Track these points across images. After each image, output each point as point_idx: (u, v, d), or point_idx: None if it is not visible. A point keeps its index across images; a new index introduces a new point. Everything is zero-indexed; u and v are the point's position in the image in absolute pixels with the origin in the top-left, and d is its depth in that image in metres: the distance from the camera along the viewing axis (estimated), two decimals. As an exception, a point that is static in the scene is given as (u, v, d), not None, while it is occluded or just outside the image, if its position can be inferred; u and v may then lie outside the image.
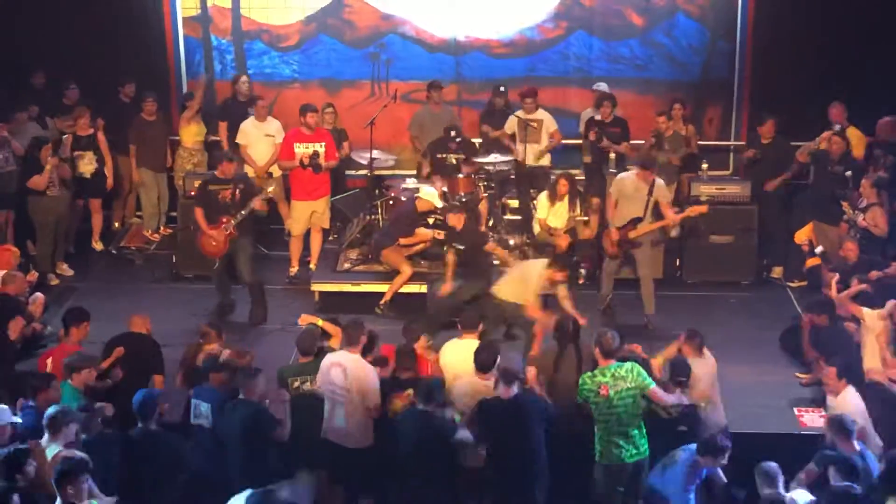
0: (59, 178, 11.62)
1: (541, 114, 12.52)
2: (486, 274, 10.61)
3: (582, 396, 7.94)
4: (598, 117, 12.42)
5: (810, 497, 7.05)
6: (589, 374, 7.95)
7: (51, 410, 7.32)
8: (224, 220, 10.82)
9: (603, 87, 12.95)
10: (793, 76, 12.87)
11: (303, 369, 8.38)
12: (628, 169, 11.36)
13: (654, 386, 7.90)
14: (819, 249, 10.92)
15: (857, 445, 7.47)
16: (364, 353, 8.22)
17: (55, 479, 6.61)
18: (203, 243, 10.96)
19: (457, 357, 8.59)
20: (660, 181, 10.90)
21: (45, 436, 7.22)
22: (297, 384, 8.31)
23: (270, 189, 11.41)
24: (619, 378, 7.86)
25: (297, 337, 8.68)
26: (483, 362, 8.19)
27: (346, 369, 8.03)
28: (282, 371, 8.50)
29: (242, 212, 10.79)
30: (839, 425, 7.54)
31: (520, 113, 12.43)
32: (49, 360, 8.78)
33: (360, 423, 8.05)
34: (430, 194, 11.14)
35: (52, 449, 7.11)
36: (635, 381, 7.84)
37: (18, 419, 7.47)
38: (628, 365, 7.93)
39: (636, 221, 10.75)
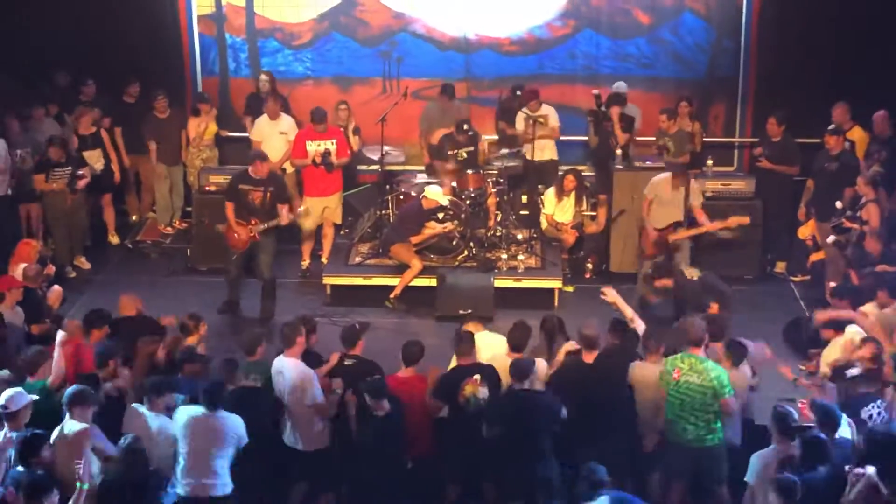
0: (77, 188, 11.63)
1: (545, 109, 12.46)
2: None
3: (663, 377, 7.90)
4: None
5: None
6: (675, 356, 7.92)
7: (71, 389, 7.31)
8: (253, 221, 10.79)
9: (622, 86, 12.85)
10: (797, 74, 12.79)
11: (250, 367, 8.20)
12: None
13: (729, 397, 7.70)
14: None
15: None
16: (348, 348, 8.19)
17: None
18: (227, 235, 10.97)
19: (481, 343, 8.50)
20: (695, 185, 10.86)
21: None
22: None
23: (301, 209, 11.34)
24: (694, 371, 7.77)
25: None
26: (517, 341, 8.20)
27: (283, 374, 7.96)
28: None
29: (270, 222, 10.77)
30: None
31: (526, 110, 12.35)
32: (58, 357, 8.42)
33: (308, 426, 7.94)
34: (435, 192, 11.08)
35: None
36: (707, 383, 7.70)
37: (34, 396, 7.39)
38: (713, 366, 7.81)
39: (677, 225, 10.69)
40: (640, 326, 8.63)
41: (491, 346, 8.47)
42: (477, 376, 7.87)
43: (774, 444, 7.27)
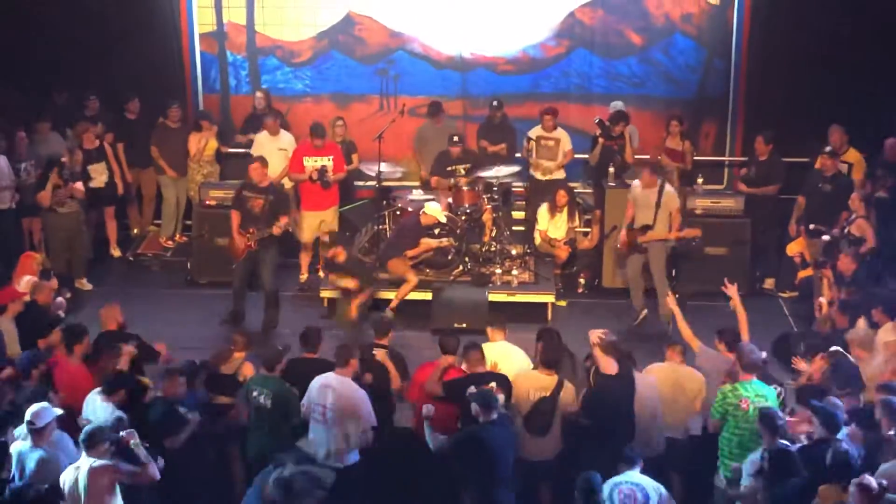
0: (70, 196, 11.51)
1: (559, 132, 12.49)
2: None
3: (720, 409, 7.81)
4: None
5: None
6: (730, 386, 7.84)
7: (88, 427, 7.12)
8: (251, 230, 10.82)
9: (619, 105, 12.88)
10: (786, 94, 12.84)
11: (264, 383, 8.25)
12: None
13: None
14: None
15: None
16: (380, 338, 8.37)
17: None
18: (230, 244, 11.04)
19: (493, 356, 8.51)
20: (669, 188, 10.84)
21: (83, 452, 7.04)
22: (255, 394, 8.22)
23: (291, 224, 11.41)
24: (761, 396, 7.75)
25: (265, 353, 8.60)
26: (549, 359, 8.19)
27: (335, 391, 7.96)
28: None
29: (266, 232, 10.78)
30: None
31: (532, 132, 12.38)
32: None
33: (344, 442, 7.97)
34: (434, 209, 11.09)
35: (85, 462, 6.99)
36: (773, 404, 7.72)
37: (59, 410, 7.33)
38: (769, 388, 7.84)
39: (646, 228, 10.72)
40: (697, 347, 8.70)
41: (508, 356, 8.51)
42: (493, 384, 7.89)
43: (765, 444, 7.26)
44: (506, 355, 8.61)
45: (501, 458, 7.49)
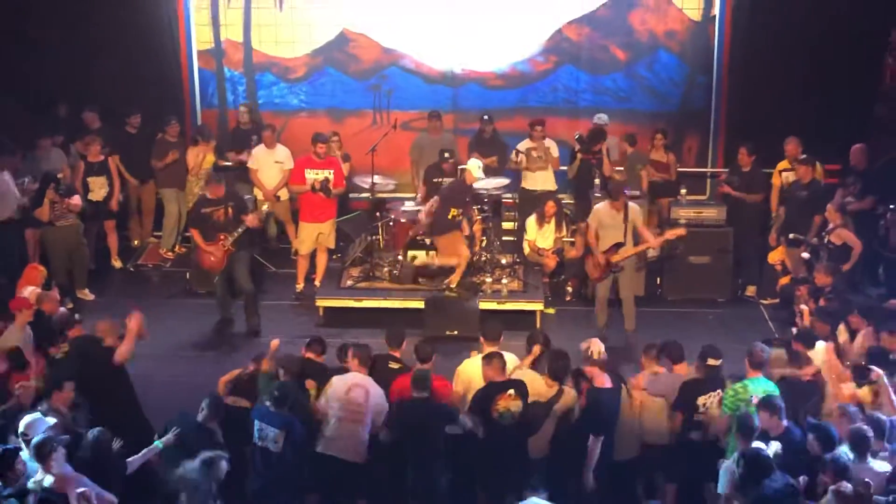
0: (68, 210, 11.56)
1: (548, 142, 12.64)
2: None
3: (732, 406, 7.83)
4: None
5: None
6: (740, 384, 7.90)
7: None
8: (221, 237, 10.93)
9: (604, 118, 13.04)
10: (765, 108, 12.98)
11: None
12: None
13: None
14: None
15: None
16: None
17: None
18: (202, 259, 11.11)
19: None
20: (633, 205, 10.92)
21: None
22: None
23: (265, 207, 11.60)
24: (768, 393, 7.79)
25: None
26: (557, 372, 8.23)
27: (367, 391, 8.12)
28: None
29: (239, 230, 10.90)
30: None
31: (522, 146, 12.53)
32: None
33: (362, 440, 8.13)
34: (473, 164, 11.06)
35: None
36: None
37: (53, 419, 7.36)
38: (773, 385, 7.89)
39: (618, 246, 10.76)
40: None
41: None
42: (511, 391, 7.97)
43: (740, 448, 7.29)
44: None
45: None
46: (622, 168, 12.68)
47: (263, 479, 7.81)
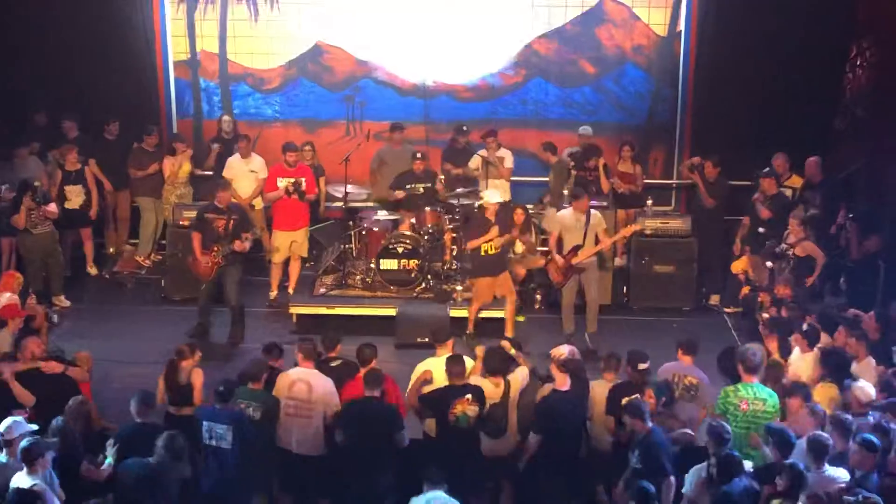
0: (45, 217, 11.59)
1: (502, 152, 12.74)
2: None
3: (721, 407, 7.95)
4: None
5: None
6: (732, 387, 8.02)
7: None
8: (215, 248, 10.96)
9: (588, 130, 13.17)
10: (729, 121, 13.14)
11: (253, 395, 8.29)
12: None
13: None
14: None
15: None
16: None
17: None
18: (193, 265, 11.11)
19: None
20: (596, 213, 11.07)
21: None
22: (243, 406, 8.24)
23: (256, 233, 11.57)
24: (759, 400, 7.89)
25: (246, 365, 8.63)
26: (496, 367, 8.30)
27: (310, 384, 8.20)
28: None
29: (231, 247, 10.92)
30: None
31: (482, 152, 12.63)
32: None
33: (315, 432, 8.20)
34: (489, 194, 11.15)
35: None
36: (771, 408, 7.87)
37: (35, 426, 7.43)
38: (769, 392, 7.98)
39: (577, 248, 10.90)
40: None
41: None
42: (468, 396, 8.07)
43: (712, 451, 7.36)
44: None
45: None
46: (615, 179, 12.80)
47: (217, 477, 7.84)
